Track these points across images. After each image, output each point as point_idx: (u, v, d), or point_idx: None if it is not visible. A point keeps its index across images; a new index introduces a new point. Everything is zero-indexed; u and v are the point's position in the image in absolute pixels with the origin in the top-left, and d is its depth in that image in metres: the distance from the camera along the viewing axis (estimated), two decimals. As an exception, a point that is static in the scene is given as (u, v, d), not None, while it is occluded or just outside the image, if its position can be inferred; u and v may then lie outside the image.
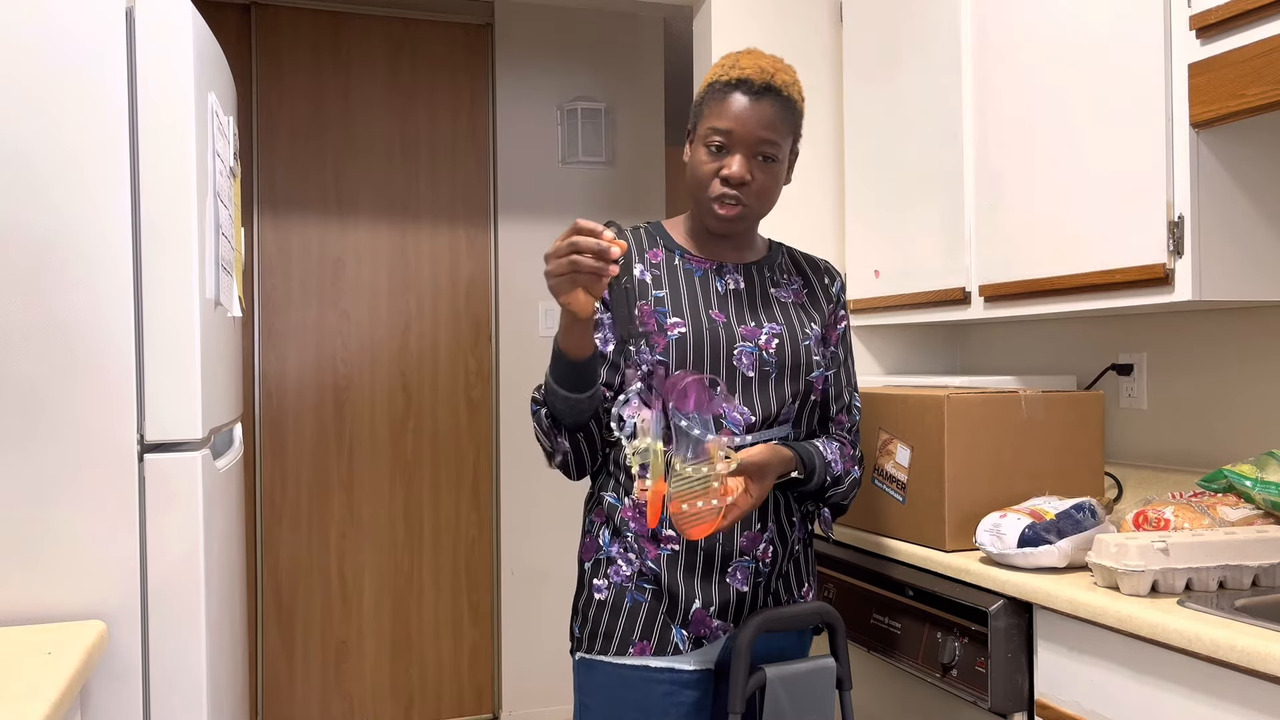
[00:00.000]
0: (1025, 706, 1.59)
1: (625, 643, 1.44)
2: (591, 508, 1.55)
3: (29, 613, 1.41)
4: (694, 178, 1.49)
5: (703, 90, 1.50)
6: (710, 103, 1.48)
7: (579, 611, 1.51)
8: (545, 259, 1.29)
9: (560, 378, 1.38)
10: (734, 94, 1.46)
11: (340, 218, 3.51)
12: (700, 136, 1.49)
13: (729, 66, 1.48)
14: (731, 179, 1.45)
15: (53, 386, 1.42)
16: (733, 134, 1.45)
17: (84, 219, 1.43)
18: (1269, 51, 1.52)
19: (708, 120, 1.47)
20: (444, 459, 3.61)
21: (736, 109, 1.45)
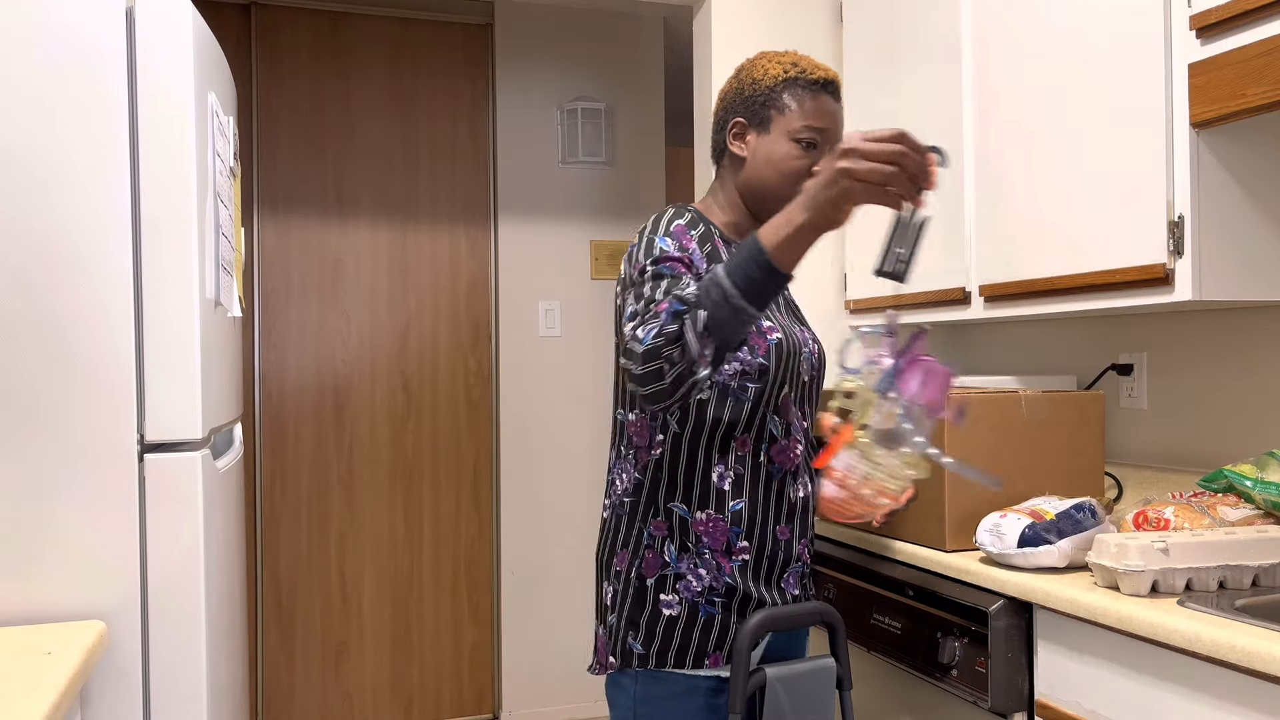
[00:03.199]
0: (1025, 706, 1.59)
1: (700, 655, 1.42)
2: (647, 519, 1.45)
3: (29, 613, 1.41)
4: (779, 171, 1.49)
5: (775, 84, 1.50)
6: (796, 99, 1.49)
7: (639, 627, 1.43)
8: (848, 154, 1.14)
9: (751, 287, 1.19)
10: (823, 95, 1.50)
11: (340, 218, 3.51)
12: (786, 131, 1.48)
13: (807, 67, 1.50)
14: None
15: (53, 386, 1.42)
16: (827, 133, 1.49)
17: (84, 219, 1.43)
18: (1269, 51, 1.52)
19: (798, 116, 1.48)
20: (444, 459, 3.61)
21: (829, 108, 1.50)
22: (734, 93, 1.55)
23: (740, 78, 1.55)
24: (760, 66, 1.53)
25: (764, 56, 1.54)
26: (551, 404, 3.69)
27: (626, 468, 1.48)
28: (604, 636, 1.49)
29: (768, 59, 1.53)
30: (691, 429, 1.43)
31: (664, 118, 3.95)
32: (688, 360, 1.20)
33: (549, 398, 3.69)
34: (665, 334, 1.20)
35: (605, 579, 1.50)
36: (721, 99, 1.58)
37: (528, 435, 3.67)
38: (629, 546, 1.47)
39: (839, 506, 1.30)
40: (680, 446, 1.44)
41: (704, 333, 1.19)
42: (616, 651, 1.45)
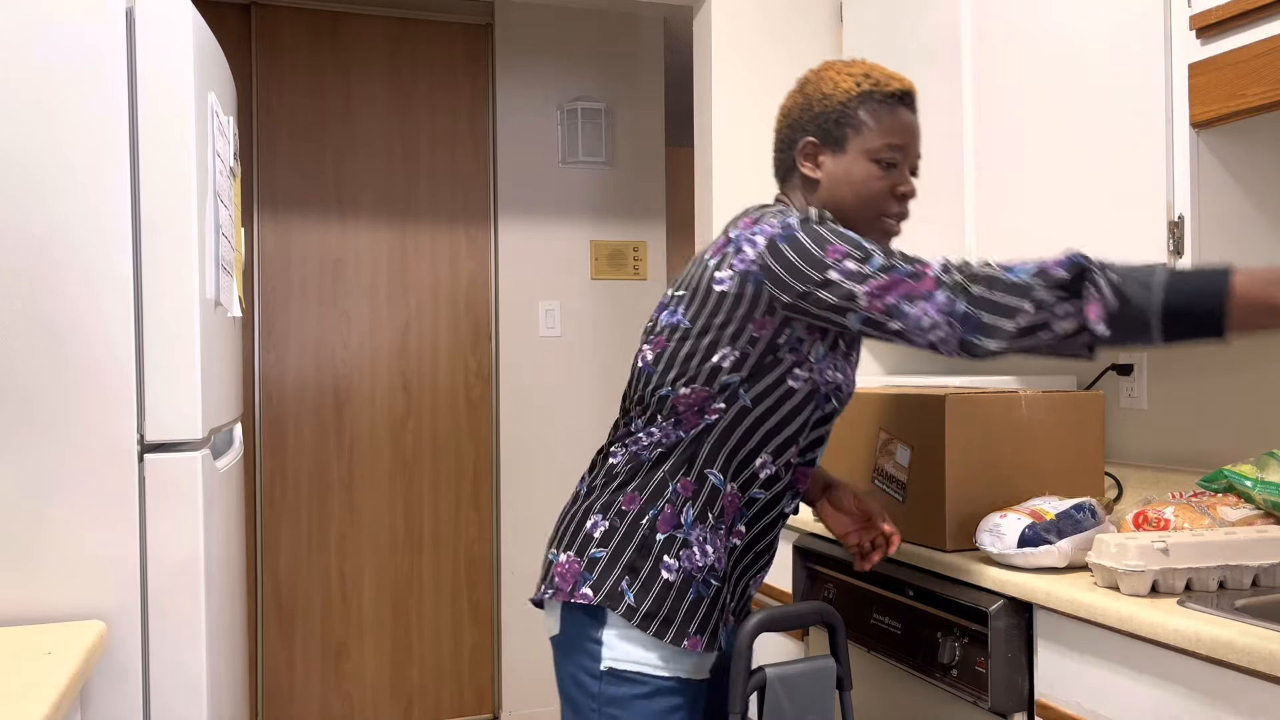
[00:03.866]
0: (1025, 706, 1.59)
1: (682, 633, 1.36)
2: (676, 475, 1.39)
3: (29, 613, 1.41)
4: (858, 194, 1.43)
5: (848, 100, 1.42)
6: (873, 115, 1.42)
7: (638, 577, 1.36)
8: None
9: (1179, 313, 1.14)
10: (900, 108, 1.43)
11: (340, 218, 3.51)
12: (864, 150, 1.42)
13: (881, 78, 1.43)
14: (910, 196, 1.43)
15: (53, 386, 1.42)
16: (906, 149, 1.43)
17: (84, 219, 1.43)
18: (1269, 51, 1.52)
19: (876, 134, 1.41)
20: (444, 459, 3.61)
21: (908, 123, 1.43)
22: (801, 109, 1.46)
23: (807, 92, 1.46)
24: (829, 80, 1.44)
25: (831, 68, 1.45)
26: (551, 404, 3.69)
27: (664, 427, 1.40)
28: (574, 566, 1.39)
29: (836, 71, 1.44)
30: (766, 409, 1.39)
31: (664, 118, 3.95)
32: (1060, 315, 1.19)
33: (549, 398, 3.69)
34: (1051, 277, 1.19)
35: (596, 512, 1.41)
36: (786, 115, 1.49)
37: (528, 435, 3.67)
38: (643, 492, 1.39)
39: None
40: (743, 421, 1.39)
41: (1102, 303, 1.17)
42: (600, 589, 1.36)
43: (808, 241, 1.32)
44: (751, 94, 2.83)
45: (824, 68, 1.47)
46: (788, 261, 1.32)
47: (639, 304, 3.80)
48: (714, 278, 1.38)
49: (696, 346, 1.38)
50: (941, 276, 1.25)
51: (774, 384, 1.38)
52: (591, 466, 1.49)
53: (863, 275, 1.28)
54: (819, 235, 1.32)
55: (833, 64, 1.46)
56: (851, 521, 1.60)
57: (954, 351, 1.26)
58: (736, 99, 2.81)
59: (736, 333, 1.36)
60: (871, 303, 1.27)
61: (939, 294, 1.24)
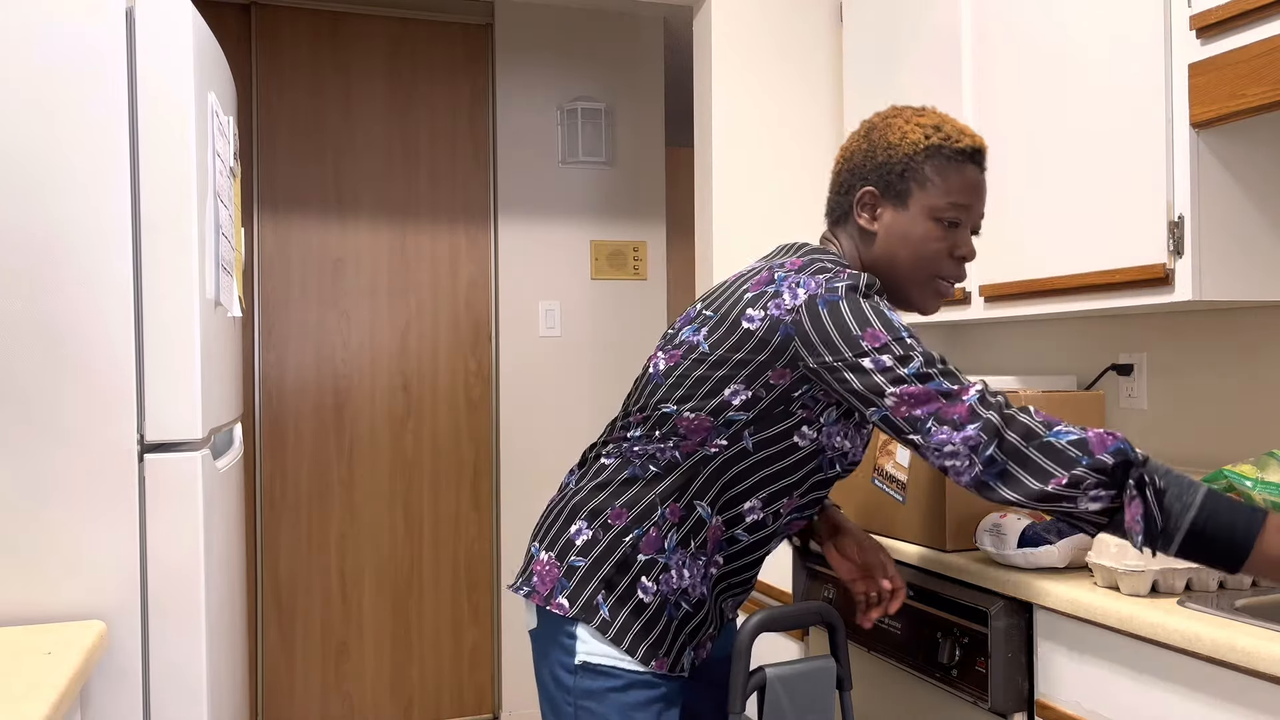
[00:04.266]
0: (1025, 706, 1.59)
1: (651, 654, 1.35)
2: (666, 500, 1.37)
3: (29, 613, 1.41)
4: (916, 254, 1.36)
5: (915, 153, 1.35)
6: (939, 172, 1.34)
7: (614, 592, 1.35)
8: None
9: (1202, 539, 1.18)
10: (969, 165, 1.36)
11: (340, 218, 3.51)
12: (928, 208, 1.35)
13: (952, 132, 1.35)
14: (969, 258, 1.38)
15: (53, 386, 1.42)
16: (971, 209, 1.36)
17: (84, 219, 1.43)
18: (1269, 51, 1.52)
19: (942, 193, 1.34)
20: (444, 459, 3.61)
21: (974, 182, 1.36)
22: (864, 155, 1.38)
23: (872, 139, 1.38)
24: (897, 128, 1.36)
25: (899, 116, 1.38)
26: (551, 404, 3.69)
27: (662, 445, 1.37)
28: (553, 570, 1.39)
29: (905, 120, 1.37)
30: (767, 456, 1.36)
31: (664, 118, 3.95)
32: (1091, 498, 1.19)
33: (549, 398, 3.69)
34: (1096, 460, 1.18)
35: (582, 517, 1.39)
36: (847, 159, 1.41)
37: (528, 435, 3.67)
38: (632, 510, 1.37)
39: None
40: (740, 462, 1.36)
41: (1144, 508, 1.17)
42: (576, 600, 1.36)
43: (849, 316, 1.27)
44: (751, 94, 2.83)
45: (892, 114, 1.39)
46: (823, 329, 1.27)
47: (639, 304, 3.80)
48: (745, 314, 1.33)
49: (710, 375, 1.34)
50: (978, 408, 1.21)
51: (779, 435, 1.35)
52: (582, 462, 1.47)
53: (897, 377, 1.23)
54: (862, 313, 1.27)
55: (901, 111, 1.39)
56: (856, 569, 1.54)
57: (966, 485, 1.23)
58: (736, 99, 2.82)
59: (753, 375, 1.32)
60: (898, 407, 1.24)
61: (970, 426, 1.20)
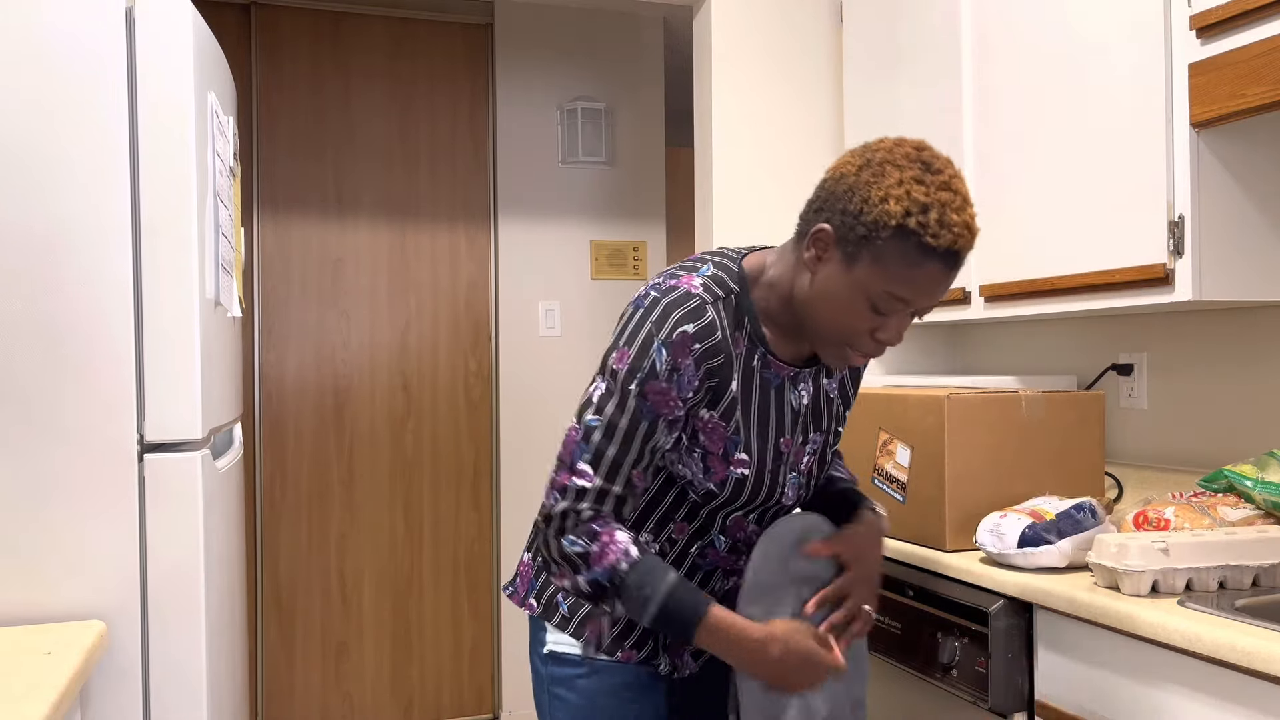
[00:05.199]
0: (1025, 706, 1.59)
1: (616, 646, 1.37)
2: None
3: (29, 613, 1.41)
4: (835, 321, 1.22)
5: (885, 223, 1.15)
6: (899, 256, 1.16)
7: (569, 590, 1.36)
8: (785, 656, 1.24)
9: (665, 625, 1.24)
10: (933, 264, 1.16)
11: (340, 218, 3.51)
12: (865, 284, 1.18)
13: (934, 222, 1.14)
14: (890, 344, 1.24)
15: (53, 386, 1.42)
16: (911, 303, 1.20)
17: (84, 219, 1.43)
18: (1269, 51, 1.52)
19: (886, 279, 1.17)
20: (444, 459, 3.61)
21: (929, 281, 1.17)
22: (844, 191, 1.20)
23: (860, 178, 1.18)
24: (883, 186, 1.16)
25: (896, 170, 1.17)
26: (551, 404, 3.69)
27: None
28: (529, 569, 1.43)
29: (897, 181, 1.16)
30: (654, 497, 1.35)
31: (664, 118, 3.95)
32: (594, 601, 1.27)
33: (549, 398, 3.69)
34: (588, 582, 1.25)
35: None
36: (832, 180, 1.22)
37: (528, 435, 3.67)
38: None
39: None
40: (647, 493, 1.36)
41: (616, 608, 1.26)
42: (540, 599, 1.40)
43: (628, 326, 1.26)
44: (752, 94, 2.83)
45: (892, 162, 1.18)
46: (616, 329, 1.29)
47: (639, 304, 3.79)
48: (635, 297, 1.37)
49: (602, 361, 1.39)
50: (563, 497, 1.24)
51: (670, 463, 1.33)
52: None
53: (582, 411, 1.26)
54: (638, 331, 1.24)
55: (904, 164, 1.18)
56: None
57: (537, 519, 1.28)
58: (736, 99, 2.81)
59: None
60: (565, 434, 1.28)
61: (554, 495, 1.25)
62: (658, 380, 1.23)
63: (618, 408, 1.24)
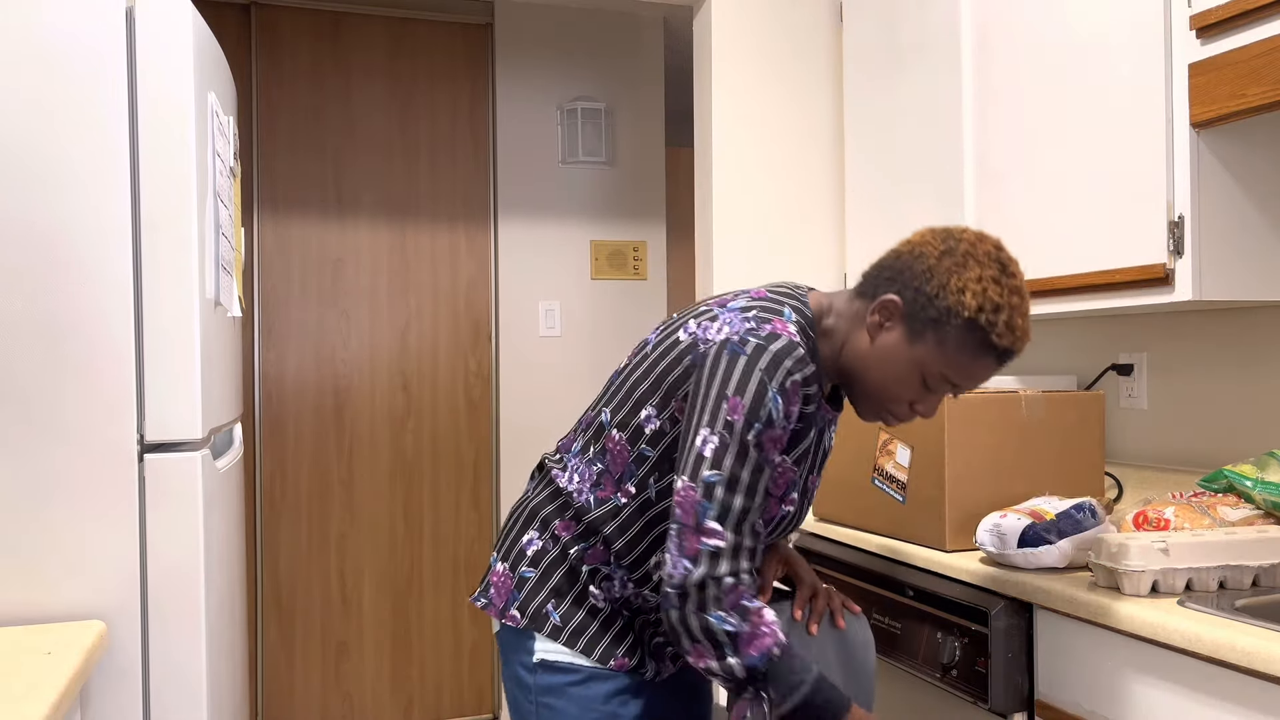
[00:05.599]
0: (1025, 706, 1.59)
1: (609, 654, 1.36)
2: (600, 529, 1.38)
3: (29, 613, 1.41)
4: (884, 388, 1.29)
5: (957, 313, 1.22)
6: (962, 346, 1.23)
7: (564, 600, 1.36)
8: None
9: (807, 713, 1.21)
10: (990, 359, 1.24)
11: (340, 217, 3.51)
12: (922, 363, 1.25)
13: (1003, 322, 1.22)
14: (924, 416, 1.32)
15: (53, 386, 1.42)
16: (959, 387, 1.28)
17: (84, 219, 1.43)
18: (1269, 51, 1.52)
19: (944, 363, 1.24)
20: (444, 459, 3.61)
21: (982, 372, 1.26)
22: (921, 271, 1.25)
23: (942, 264, 1.24)
24: (962, 278, 1.22)
25: (977, 265, 1.23)
26: (551, 404, 3.69)
27: (591, 472, 1.37)
28: (508, 580, 1.39)
29: (976, 276, 1.22)
30: (667, 510, 1.32)
31: (664, 118, 3.95)
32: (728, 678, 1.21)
33: (549, 398, 3.69)
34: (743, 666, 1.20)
35: (534, 528, 1.40)
36: (911, 255, 1.27)
37: (528, 435, 3.67)
38: (577, 523, 1.37)
39: None
40: (646, 511, 1.33)
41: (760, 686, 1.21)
42: (526, 610, 1.36)
43: (735, 373, 1.22)
44: (752, 94, 2.83)
45: (974, 257, 1.24)
46: (711, 373, 1.23)
47: (639, 304, 3.80)
48: (686, 325, 1.32)
49: (640, 384, 1.33)
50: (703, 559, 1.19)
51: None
52: (539, 467, 1.46)
53: (697, 469, 1.20)
54: (747, 379, 1.21)
55: (985, 260, 1.24)
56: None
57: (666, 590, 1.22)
58: (736, 99, 2.81)
59: (664, 398, 1.29)
60: (675, 498, 1.22)
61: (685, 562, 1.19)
62: (774, 429, 1.22)
63: (737, 459, 1.20)
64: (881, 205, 2.57)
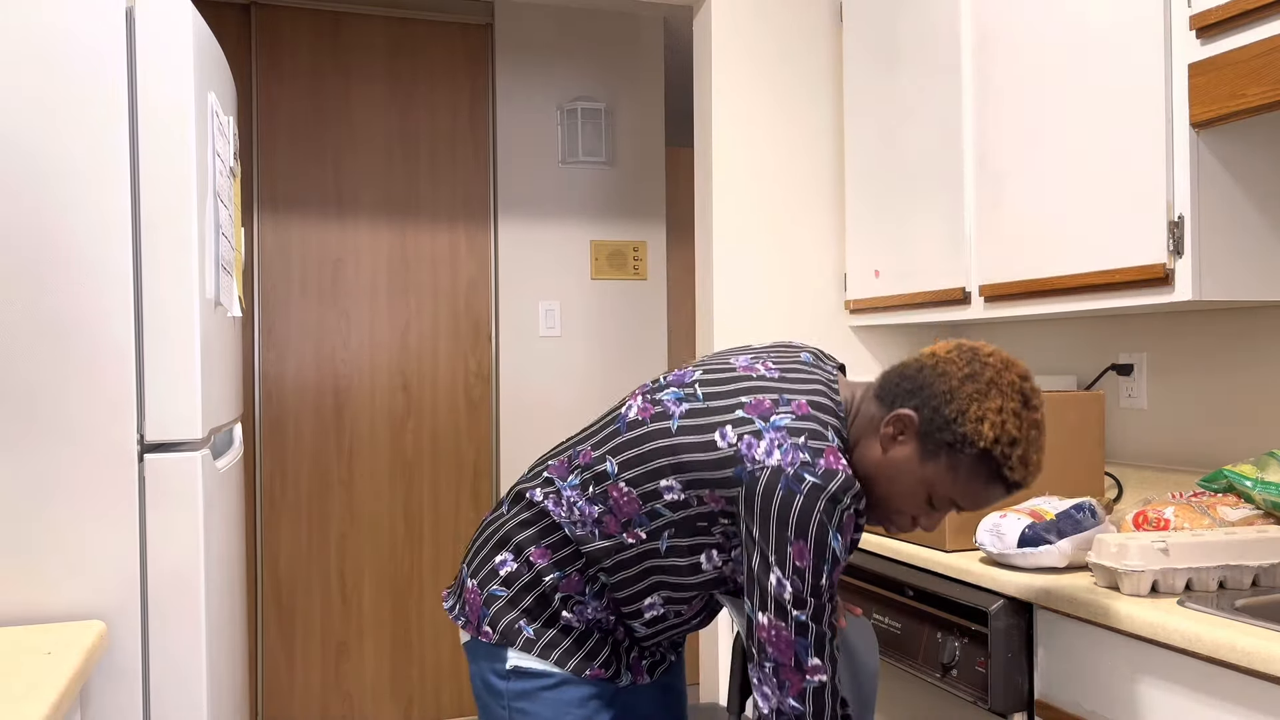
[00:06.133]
0: (1025, 706, 1.59)
1: (584, 666, 1.36)
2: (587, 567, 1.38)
3: (29, 613, 1.41)
4: (890, 499, 1.29)
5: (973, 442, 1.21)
6: (974, 474, 1.23)
7: (536, 619, 1.36)
8: None
9: None
10: (998, 488, 1.24)
11: (340, 218, 3.51)
12: (932, 484, 1.25)
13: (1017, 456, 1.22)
14: (925, 529, 1.33)
15: (53, 386, 1.42)
16: (963, 509, 1.29)
17: (84, 219, 1.43)
18: (1269, 51, 1.52)
19: (954, 487, 1.24)
20: (444, 459, 3.61)
21: (987, 498, 1.26)
22: (941, 392, 1.23)
23: (964, 389, 1.23)
24: (982, 407, 1.21)
25: (1000, 396, 1.22)
26: (551, 404, 3.69)
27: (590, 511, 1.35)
28: (476, 597, 1.39)
29: (997, 408, 1.21)
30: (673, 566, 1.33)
31: (664, 118, 3.95)
32: None
33: (549, 398, 3.69)
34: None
35: (509, 550, 1.38)
36: (934, 371, 1.26)
37: (528, 435, 3.67)
38: (555, 552, 1.37)
39: None
40: (651, 558, 1.32)
41: None
42: (497, 627, 1.36)
43: (794, 517, 1.21)
44: (751, 94, 2.83)
45: (997, 387, 1.23)
46: (766, 507, 1.22)
47: (639, 304, 3.80)
48: (723, 429, 1.28)
49: (660, 456, 1.30)
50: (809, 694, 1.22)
51: (692, 548, 1.31)
52: (515, 497, 1.43)
53: (782, 608, 1.21)
54: (807, 524, 1.20)
55: (1009, 391, 1.23)
56: None
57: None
58: (736, 99, 2.82)
59: (693, 483, 1.28)
60: (762, 631, 1.23)
61: (792, 701, 1.22)
62: (839, 564, 1.23)
63: (814, 596, 1.21)
64: (881, 205, 2.57)
